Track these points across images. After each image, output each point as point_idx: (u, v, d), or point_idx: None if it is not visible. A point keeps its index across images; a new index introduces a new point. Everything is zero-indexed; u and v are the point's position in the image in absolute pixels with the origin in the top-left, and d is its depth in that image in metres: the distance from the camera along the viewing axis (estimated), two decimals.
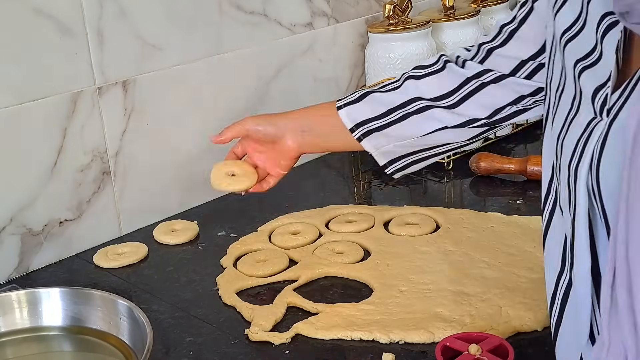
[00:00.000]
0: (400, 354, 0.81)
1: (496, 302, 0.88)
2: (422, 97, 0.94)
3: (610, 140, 0.58)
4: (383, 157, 0.98)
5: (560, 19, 0.70)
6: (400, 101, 0.95)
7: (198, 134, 1.21)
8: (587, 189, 0.60)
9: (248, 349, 0.85)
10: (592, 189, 0.60)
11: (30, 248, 1.05)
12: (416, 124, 0.94)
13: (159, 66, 1.14)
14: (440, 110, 0.93)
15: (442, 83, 0.93)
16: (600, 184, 0.59)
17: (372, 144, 0.97)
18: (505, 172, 1.23)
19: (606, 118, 0.60)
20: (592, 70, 0.63)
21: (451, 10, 1.48)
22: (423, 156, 0.98)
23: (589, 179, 0.60)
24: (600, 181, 0.59)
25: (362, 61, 1.43)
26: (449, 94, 0.92)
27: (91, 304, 0.87)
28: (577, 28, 0.67)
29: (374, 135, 0.96)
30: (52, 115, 1.04)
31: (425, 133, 0.94)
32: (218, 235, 1.12)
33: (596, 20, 0.64)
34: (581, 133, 0.62)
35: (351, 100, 0.98)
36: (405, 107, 0.94)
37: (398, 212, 1.13)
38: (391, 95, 0.96)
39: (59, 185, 1.06)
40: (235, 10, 1.22)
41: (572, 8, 0.68)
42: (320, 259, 1.01)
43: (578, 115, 0.64)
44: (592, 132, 0.61)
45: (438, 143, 0.96)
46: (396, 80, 0.98)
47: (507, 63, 0.88)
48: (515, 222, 1.07)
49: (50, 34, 1.02)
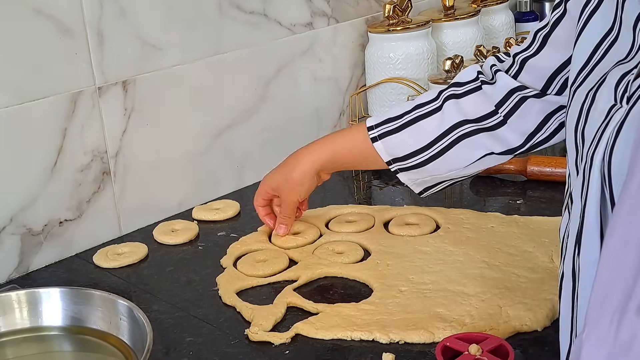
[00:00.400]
0: (400, 354, 0.81)
1: (496, 302, 0.88)
2: (466, 119, 0.91)
3: (626, 127, 0.58)
4: (419, 187, 0.99)
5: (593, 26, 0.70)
6: (444, 128, 0.92)
7: (198, 134, 1.22)
8: (601, 176, 0.60)
9: (248, 349, 0.85)
10: (604, 176, 0.59)
11: (30, 248, 1.05)
12: (459, 154, 0.93)
13: (159, 66, 1.14)
14: (485, 135, 0.91)
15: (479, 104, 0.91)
16: (611, 170, 0.58)
17: (408, 177, 0.97)
18: (505, 172, 1.23)
19: (626, 105, 0.59)
20: (625, 64, 0.63)
21: (451, 10, 1.48)
22: (459, 179, 0.98)
23: (603, 165, 0.59)
24: (612, 168, 0.58)
25: (362, 61, 1.43)
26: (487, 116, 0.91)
27: (91, 304, 0.87)
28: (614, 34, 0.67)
29: (412, 172, 0.96)
30: (52, 115, 1.04)
31: (469, 163, 0.93)
32: (218, 235, 1.13)
33: (632, 20, 0.64)
34: (602, 121, 0.61)
35: (389, 130, 0.95)
36: (449, 134, 0.92)
37: (398, 212, 1.13)
38: (433, 121, 0.93)
39: (59, 185, 1.06)
40: (235, 10, 1.22)
41: (605, 16, 0.69)
42: (320, 259, 1.01)
43: (595, 103, 0.64)
44: (610, 119, 0.60)
45: (480, 169, 0.95)
46: (434, 99, 0.94)
47: (539, 76, 0.87)
48: (515, 222, 1.07)
49: (50, 34, 1.02)
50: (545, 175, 1.20)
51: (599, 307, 0.53)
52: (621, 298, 0.51)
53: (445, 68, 1.29)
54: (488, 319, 0.85)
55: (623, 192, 0.53)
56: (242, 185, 1.28)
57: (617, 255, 0.53)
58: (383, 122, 0.97)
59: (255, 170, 1.25)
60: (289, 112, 1.34)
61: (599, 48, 0.69)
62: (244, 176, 1.28)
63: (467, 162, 0.93)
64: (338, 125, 1.43)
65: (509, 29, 1.62)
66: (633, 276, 0.51)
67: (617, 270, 0.52)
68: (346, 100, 1.43)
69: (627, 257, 0.52)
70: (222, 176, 1.26)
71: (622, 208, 0.53)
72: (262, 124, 1.30)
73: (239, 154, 1.28)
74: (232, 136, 1.26)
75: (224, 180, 1.26)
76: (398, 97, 1.37)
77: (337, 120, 1.43)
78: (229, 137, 1.26)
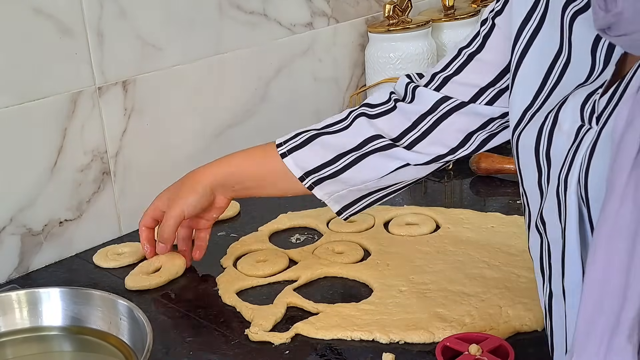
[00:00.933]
0: (400, 354, 0.81)
1: (496, 302, 0.88)
2: (381, 134, 0.87)
3: (599, 148, 0.58)
4: (337, 204, 0.92)
5: None
6: (354, 143, 0.88)
7: (198, 134, 1.22)
8: (577, 198, 0.60)
9: (248, 349, 0.85)
10: (581, 197, 0.59)
11: (30, 248, 1.05)
12: (374, 165, 0.87)
13: (159, 66, 1.14)
14: (400, 150, 0.86)
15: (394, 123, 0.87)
16: (588, 191, 0.58)
17: (324, 192, 0.90)
18: (505, 172, 1.23)
19: (596, 126, 0.59)
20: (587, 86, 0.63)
21: (451, 10, 1.48)
22: (380, 195, 0.92)
23: (579, 188, 0.59)
24: (588, 189, 0.58)
25: (362, 61, 1.43)
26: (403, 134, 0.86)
27: (91, 304, 0.87)
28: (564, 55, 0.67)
29: (326, 183, 0.90)
30: (52, 115, 1.04)
31: (385, 174, 0.88)
32: (218, 235, 1.12)
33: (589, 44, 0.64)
34: (571, 142, 0.61)
35: (296, 145, 0.90)
36: (361, 148, 0.87)
37: (398, 212, 1.13)
38: (342, 138, 0.89)
39: (59, 185, 1.06)
40: (235, 10, 1.22)
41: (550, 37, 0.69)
42: (320, 259, 1.01)
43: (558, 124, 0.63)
44: (582, 141, 0.60)
45: (398, 181, 0.90)
46: (342, 120, 0.90)
47: (465, 91, 0.83)
48: (515, 222, 1.07)
49: (50, 34, 1.02)
50: None
51: (586, 333, 0.53)
52: (607, 324, 0.52)
53: None
54: (488, 319, 0.85)
55: (601, 217, 0.53)
56: None
57: (600, 283, 0.53)
58: (290, 138, 0.92)
59: None
60: (289, 112, 1.34)
61: (553, 70, 0.68)
62: None
63: (382, 172, 0.88)
64: None
65: None
66: (619, 303, 0.51)
67: (601, 297, 0.52)
68: (346, 100, 1.43)
69: (610, 284, 0.52)
70: None
71: (601, 233, 0.53)
72: (262, 124, 1.30)
73: None
74: (232, 136, 1.26)
75: None
76: None
77: None
78: (229, 137, 1.26)
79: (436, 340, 0.82)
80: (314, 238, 1.09)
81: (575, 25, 0.66)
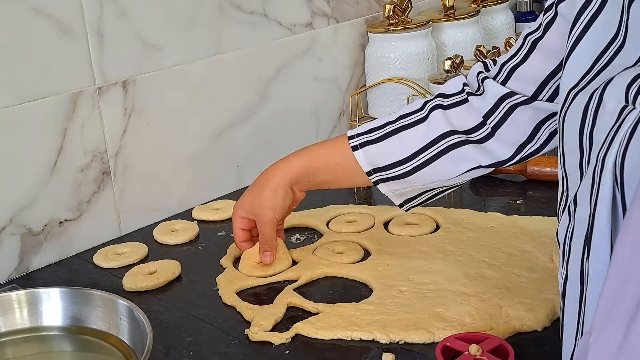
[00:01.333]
0: (400, 354, 0.81)
1: (496, 302, 0.88)
2: (454, 129, 0.88)
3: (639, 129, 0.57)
4: (399, 198, 0.95)
5: None
6: (428, 139, 0.89)
7: (198, 134, 1.22)
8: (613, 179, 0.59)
9: (248, 349, 0.85)
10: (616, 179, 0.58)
11: (30, 248, 1.05)
12: (445, 166, 0.89)
13: (159, 66, 1.14)
14: (472, 147, 0.88)
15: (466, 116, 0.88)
16: (624, 173, 0.58)
17: (389, 188, 0.93)
18: (505, 172, 1.23)
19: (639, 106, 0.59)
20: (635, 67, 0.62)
21: (451, 10, 1.48)
22: (444, 190, 0.95)
23: (615, 168, 0.59)
24: (624, 171, 0.57)
25: (362, 61, 1.43)
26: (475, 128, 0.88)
27: (91, 304, 0.87)
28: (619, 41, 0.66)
29: (394, 182, 0.92)
30: (52, 115, 1.04)
31: (455, 175, 0.90)
32: (218, 235, 1.13)
33: None
34: (613, 122, 0.60)
35: (370, 140, 0.91)
36: (436, 144, 0.89)
37: (398, 212, 1.13)
38: (417, 131, 0.90)
39: (59, 185, 1.06)
40: (235, 10, 1.22)
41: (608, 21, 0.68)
42: (320, 259, 1.01)
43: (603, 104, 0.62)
44: (623, 121, 0.59)
45: (465, 180, 0.92)
46: (419, 109, 0.91)
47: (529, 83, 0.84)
48: (515, 222, 1.07)
49: (50, 34, 1.02)
50: (545, 175, 1.20)
51: (607, 314, 0.52)
52: (630, 306, 0.51)
53: (445, 68, 1.29)
54: (488, 319, 0.85)
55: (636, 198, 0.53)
56: (242, 185, 1.28)
57: (627, 263, 0.52)
58: (365, 132, 0.93)
59: (255, 170, 1.24)
60: (289, 112, 1.34)
61: (605, 54, 0.67)
62: (244, 176, 1.28)
63: (453, 174, 0.90)
64: (338, 125, 1.43)
65: (509, 29, 1.62)
66: None
67: (627, 278, 0.52)
68: (346, 100, 1.43)
69: (637, 265, 0.52)
70: (222, 176, 1.26)
71: (634, 215, 0.52)
72: (262, 124, 1.30)
73: (239, 154, 1.28)
74: (232, 136, 1.26)
75: (223, 180, 1.26)
76: (398, 97, 1.37)
77: (337, 120, 1.43)
78: (229, 137, 1.26)
79: (436, 340, 0.82)
80: (314, 238, 1.09)
81: (633, 9, 0.65)
